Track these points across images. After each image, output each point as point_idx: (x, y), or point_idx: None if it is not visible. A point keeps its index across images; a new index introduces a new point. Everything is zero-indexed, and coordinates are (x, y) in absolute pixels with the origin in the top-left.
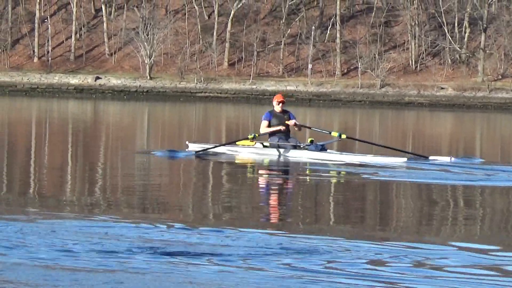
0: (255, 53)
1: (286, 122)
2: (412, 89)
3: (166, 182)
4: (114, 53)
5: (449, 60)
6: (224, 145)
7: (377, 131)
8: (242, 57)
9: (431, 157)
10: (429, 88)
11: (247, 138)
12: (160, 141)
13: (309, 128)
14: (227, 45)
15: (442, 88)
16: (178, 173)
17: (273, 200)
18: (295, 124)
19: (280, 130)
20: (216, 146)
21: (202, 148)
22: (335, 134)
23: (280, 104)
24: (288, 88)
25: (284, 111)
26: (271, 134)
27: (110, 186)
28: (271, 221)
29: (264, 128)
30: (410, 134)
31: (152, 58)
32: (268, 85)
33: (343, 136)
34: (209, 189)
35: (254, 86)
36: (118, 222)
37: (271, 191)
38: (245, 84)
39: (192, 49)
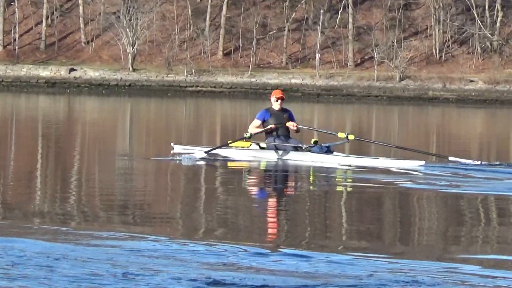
0: (254, 40)
1: (287, 124)
2: (436, 82)
3: (156, 190)
4: (91, 41)
5: (479, 48)
6: (220, 147)
7: (395, 131)
8: (239, 46)
9: (451, 158)
10: (456, 81)
11: (243, 138)
12: (145, 143)
13: (312, 129)
14: (221, 31)
15: (471, 81)
16: (165, 182)
17: (270, 214)
18: (296, 128)
19: (271, 128)
20: (213, 149)
21: (209, 149)
22: (341, 135)
23: (279, 101)
24: (293, 81)
25: (283, 110)
26: (268, 133)
27: (101, 202)
28: (282, 239)
29: (253, 128)
30: (433, 134)
31: (135, 46)
32: (270, 78)
33: (351, 137)
34: (199, 200)
35: (253, 79)
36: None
37: (267, 204)
38: (243, 77)
39: (181, 36)
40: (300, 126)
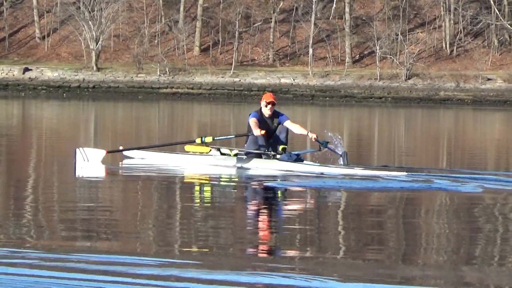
0: (237, 34)
1: (309, 135)
2: (448, 80)
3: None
4: (47, 36)
5: (496, 41)
6: (160, 146)
7: (400, 138)
8: (218, 41)
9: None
10: (471, 80)
11: (193, 142)
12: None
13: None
14: (198, 24)
15: (488, 79)
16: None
17: (235, 230)
18: (316, 139)
19: (261, 135)
20: (149, 147)
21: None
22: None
23: (269, 106)
24: (283, 81)
25: (274, 114)
26: (250, 140)
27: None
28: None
29: (257, 129)
30: (445, 140)
31: (100, 42)
32: (256, 78)
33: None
34: (149, 219)
35: (236, 79)
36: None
37: (233, 217)
38: (225, 77)
39: (151, 30)
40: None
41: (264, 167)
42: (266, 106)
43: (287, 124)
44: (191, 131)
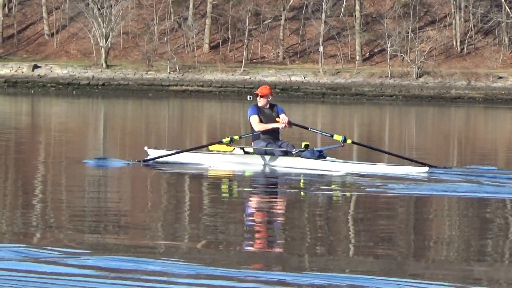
0: (247, 32)
1: (277, 120)
2: (459, 79)
3: (124, 203)
4: (56, 33)
5: (507, 39)
6: (187, 151)
7: (411, 136)
8: (228, 38)
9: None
10: (482, 78)
11: (220, 142)
12: (119, 150)
13: (306, 128)
14: (208, 21)
15: (499, 78)
16: (128, 192)
17: (260, 228)
18: (289, 123)
19: (278, 128)
20: (177, 152)
21: (157, 155)
22: (338, 137)
23: (262, 98)
24: (293, 78)
25: (271, 106)
26: (262, 133)
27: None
28: (268, 257)
29: (259, 124)
30: (455, 139)
31: (109, 39)
32: (266, 75)
33: (349, 141)
34: (178, 214)
35: (246, 77)
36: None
37: (256, 215)
38: (235, 74)
39: (160, 27)
40: (293, 122)
41: (287, 165)
42: (260, 98)
43: (281, 116)
44: (202, 130)
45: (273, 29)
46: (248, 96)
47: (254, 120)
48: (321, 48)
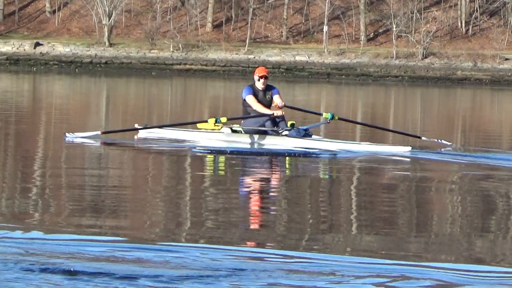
0: (251, 10)
1: (276, 105)
2: (465, 60)
3: (115, 181)
4: (58, 11)
5: None
6: (173, 125)
7: (416, 118)
8: (231, 17)
9: (423, 138)
10: (488, 59)
11: (205, 122)
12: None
13: (298, 109)
14: None
15: (506, 59)
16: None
17: (246, 207)
18: (285, 106)
19: (273, 114)
20: (162, 126)
21: (144, 127)
22: (327, 115)
23: (262, 79)
24: (298, 58)
25: (267, 88)
26: (247, 115)
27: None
28: (255, 235)
29: (258, 106)
30: (459, 121)
31: (113, 17)
32: (270, 55)
33: (336, 118)
34: (165, 193)
35: (251, 56)
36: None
37: (241, 194)
38: (239, 53)
39: (164, 5)
40: (284, 104)
41: (274, 144)
42: (258, 80)
43: (275, 98)
44: (205, 109)
45: (277, 8)
46: None
47: (252, 99)
48: (325, 28)
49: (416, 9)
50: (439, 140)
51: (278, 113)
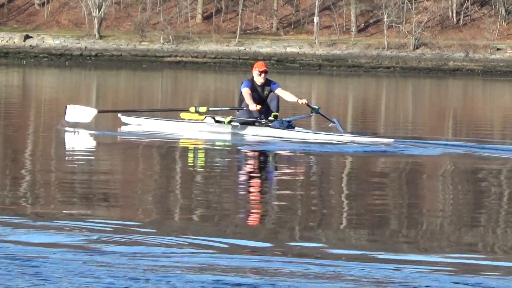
0: (241, 1)
1: (300, 101)
2: (457, 50)
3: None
4: (47, 3)
5: (503, 10)
6: (152, 111)
7: (408, 109)
8: (221, 8)
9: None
10: (480, 49)
11: (187, 110)
12: (106, 120)
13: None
14: None
15: (498, 49)
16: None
17: (229, 199)
18: (307, 104)
19: (257, 110)
20: (142, 111)
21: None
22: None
23: (263, 74)
24: (289, 50)
25: (266, 83)
26: (241, 107)
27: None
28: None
29: (249, 99)
30: (450, 111)
31: (103, 9)
32: (261, 46)
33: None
34: (149, 184)
35: (241, 48)
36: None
37: (225, 186)
38: (230, 45)
39: None
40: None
41: (256, 134)
42: (260, 75)
43: (278, 91)
44: (195, 102)
45: (267, 0)
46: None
47: (246, 92)
48: (316, 19)
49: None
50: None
51: (258, 107)
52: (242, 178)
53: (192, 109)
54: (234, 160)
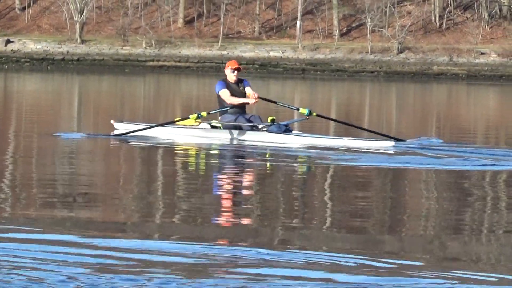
0: (223, 6)
1: (249, 96)
2: (441, 54)
3: (94, 176)
4: (28, 7)
5: (486, 14)
6: (155, 126)
7: (391, 113)
8: (202, 12)
9: (409, 140)
10: (464, 54)
11: (188, 118)
12: (92, 125)
13: (274, 102)
14: None
15: (482, 54)
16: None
17: (228, 203)
18: (259, 97)
19: (248, 103)
20: (145, 129)
21: (127, 131)
22: (303, 111)
23: (236, 72)
24: (272, 54)
25: (239, 80)
26: (231, 108)
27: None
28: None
29: (230, 98)
30: (433, 117)
31: (84, 13)
32: (244, 51)
33: (314, 114)
34: (145, 188)
35: (224, 52)
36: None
37: (223, 190)
38: (212, 49)
39: (135, 1)
40: (259, 96)
41: (254, 139)
42: (233, 72)
43: (248, 89)
44: (176, 105)
45: (249, 4)
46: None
47: (225, 93)
48: (299, 23)
49: (390, 3)
50: (425, 138)
51: (251, 101)
52: (232, 185)
53: (193, 116)
54: (228, 166)
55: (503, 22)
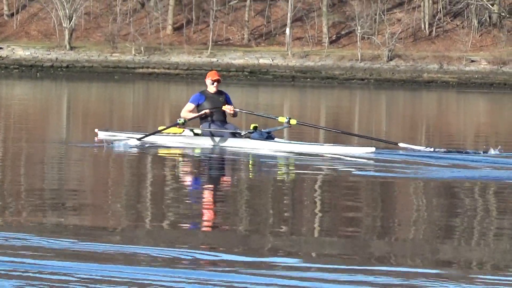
0: (213, 13)
1: (223, 108)
2: (431, 62)
3: (83, 181)
4: (16, 13)
5: (476, 22)
6: (152, 134)
7: (381, 121)
8: (192, 19)
9: (401, 144)
10: (454, 61)
11: (177, 124)
12: (80, 133)
13: (251, 113)
14: (171, 1)
15: (472, 61)
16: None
17: (210, 209)
18: (234, 112)
19: (205, 114)
20: (145, 136)
21: (142, 136)
22: (283, 119)
23: (215, 83)
24: (261, 61)
25: (219, 92)
26: (202, 119)
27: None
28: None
29: (185, 112)
30: (423, 125)
31: (73, 20)
32: (234, 58)
33: (293, 122)
34: (131, 192)
35: (213, 59)
36: None
37: (206, 197)
38: (202, 56)
39: (124, 7)
40: (238, 109)
41: (236, 146)
42: (212, 83)
43: (225, 107)
44: (165, 113)
45: (238, 10)
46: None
47: (187, 107)
48: (288, 31)
49: (379, 11)
50: (419, 147)
51: (201, 114)
52: (218, 191)
53: (180, 120)
54: (213, 172)
55: (493, 30)
